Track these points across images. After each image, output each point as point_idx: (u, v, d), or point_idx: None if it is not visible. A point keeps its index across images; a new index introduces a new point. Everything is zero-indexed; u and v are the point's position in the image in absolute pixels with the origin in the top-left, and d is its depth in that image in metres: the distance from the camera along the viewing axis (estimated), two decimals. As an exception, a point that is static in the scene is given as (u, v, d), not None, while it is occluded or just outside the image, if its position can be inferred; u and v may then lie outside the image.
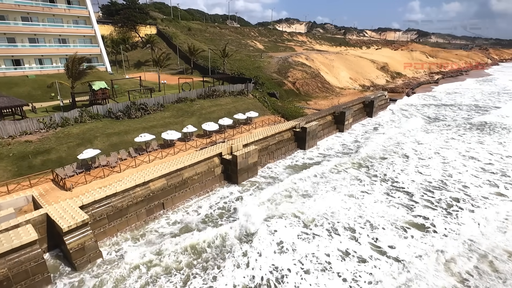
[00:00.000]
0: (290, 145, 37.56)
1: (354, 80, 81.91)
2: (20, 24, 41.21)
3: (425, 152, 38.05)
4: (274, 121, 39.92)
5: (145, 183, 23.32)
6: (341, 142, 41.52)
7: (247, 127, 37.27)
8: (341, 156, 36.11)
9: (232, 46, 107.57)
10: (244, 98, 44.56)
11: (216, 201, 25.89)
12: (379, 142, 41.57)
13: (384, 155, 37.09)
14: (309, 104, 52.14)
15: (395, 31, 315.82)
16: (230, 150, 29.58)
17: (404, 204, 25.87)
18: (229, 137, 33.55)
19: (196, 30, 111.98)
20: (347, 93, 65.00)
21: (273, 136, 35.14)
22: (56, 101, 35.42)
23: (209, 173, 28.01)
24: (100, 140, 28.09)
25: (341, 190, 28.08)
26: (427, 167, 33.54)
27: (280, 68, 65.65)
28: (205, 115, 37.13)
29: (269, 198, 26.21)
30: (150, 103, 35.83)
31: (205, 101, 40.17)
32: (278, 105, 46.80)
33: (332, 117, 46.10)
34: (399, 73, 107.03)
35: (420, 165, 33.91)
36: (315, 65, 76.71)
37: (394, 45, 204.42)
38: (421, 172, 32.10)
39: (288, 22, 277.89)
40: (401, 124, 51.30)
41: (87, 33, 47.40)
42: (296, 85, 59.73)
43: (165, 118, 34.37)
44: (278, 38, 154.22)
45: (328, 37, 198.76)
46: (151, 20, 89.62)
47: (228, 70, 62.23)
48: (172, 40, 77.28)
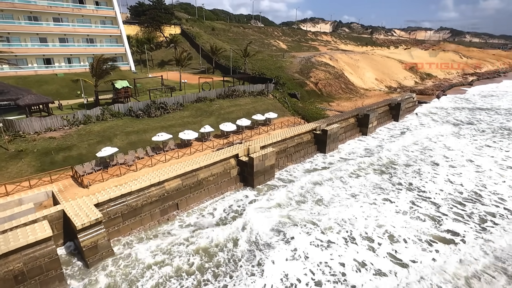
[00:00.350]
0: (310, 148, 36.36)
1: (380, 81, 78.66)
2: (51, 24, 43.12)
3: (457, 160, 35.42)
4: (294, 123, 38.87)
5: (160, 183, 23.24)
6: (364, 146, 39.67)
7: (266, 128, 36.52)
8: (363, 161, 34.41)
9: (254, 45, 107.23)
10: (264, 99, 43.83)
11: (231, 203, 25.37)
12: (405, 147, 39.29)
13: (410, 161, 34.92)
14: (331, 106, 50.48)
15: (426, 30, 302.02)
16: (247, 151, 28.98)
17: (430, 215, 24.00)
18: (247, 138, 32.98)
19: (219, 30, 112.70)
20: (372, 94, 62.40)
21: (292, 138, 34.14)
22: (82, 99, 36.57)
23: (225, 174, 27.56)
24: (119, 138, 28.51)
25: (361, 197, 26.62)
26: (458, 175, 31.12)
27: (302, 68, 64.26)
28: (224, 115, 36.81)
29: (284, 203, 25.33)
30: (170, 102, 36.04)
31: (224, 101, 39.88)
32: (298, 106, 45.64)
33: (355, 119, 44.25)
34: (429, 74, 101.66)
35: (451, 174, 31.52)
36: (339, 65, 74.47)
37: (424, 45, 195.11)
38: (452, 181, 29.79)
39: (313, 21, 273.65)
40: (430, 128, 48.33)
41: (113, 33, 48.83)
42: (318, 86, 58.12)
43: (184, 118, 34.41)
44: (302, 38, 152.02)
45: (354, 37, 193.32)
46: (176, 20, 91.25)
47: (250, 70, 61.79)
48: (195, 39, 78.09)
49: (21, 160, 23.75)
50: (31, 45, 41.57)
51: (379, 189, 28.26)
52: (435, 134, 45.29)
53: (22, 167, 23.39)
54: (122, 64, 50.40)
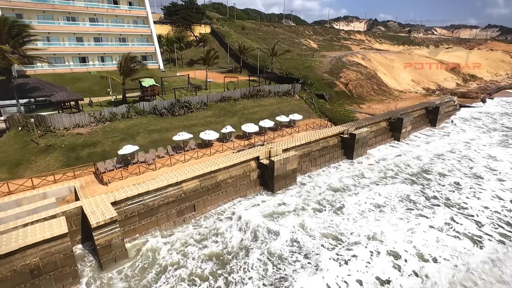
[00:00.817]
0: (336, 152, 34.45)
1: (417, 83, 73.65)
2: (87, 24, 45.12)
3: (506, 173, 31.65)
4: (320, 125, 37.12)
5: (178, 183, 22.94)
6: (395, 153, 36.89)
7: (290, 130, 35.18)
8: (393, 169, 31.91)
9: (284, 45, 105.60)
10: (289, 99, 42.46)
11: (247, 208, 24.46)
12: (442, 155, 35.98)
13: (446, 171, 31.79)
14: (361, 108, 47.83)
15: (471, 28, 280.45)
16: (268, 154, 27.93)
17: (469, 234, 21.38)
18: (269, 140, 31.91)
19: (249, 29, 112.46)
20: (407, 97, 58.40)
21: (317, 142, 32.52)
22: (111, 96, 37.68)
23: (244, 177, 26.74)
24: (142, 136, 28.78)
25: (389, 209, 24.47)
26: (510, 191, 27.63)
27: (332, 68, 61.79)
28: (247, 116, 36.04)
29: (304, 211, 23.96)
30: (194, 101, 35.95)
31: (248, 101, 39.12)
32: (326, 107, 43.68)
33: (387, 123, 41.41)
34: (474, 75, 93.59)
35: (499, 189, 28.09)
36: (371, 65, 70.77)
37: (469, 44, 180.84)
38: (501, 198, 26.48)
39: (347, 20, 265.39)
40: (472, 135, 44.00)
41: (144, 32, 50.13)
42: (349, 87, 55.46)
43: (207, 117, 34.12)
44: (333, 37, 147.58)
45: (389, 36, 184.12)
46: (207, 20, 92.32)
47: (277, 70, 60.59)
48: (224, 39, 78.30)
49: (49, 155, 24.67)
50: (68, 44, 43.79)
51: (409, 202, 25.87)
52: (478, 142, 41.11)
53: (49, 162, 24.27)
54: (151, 62, 51.60)
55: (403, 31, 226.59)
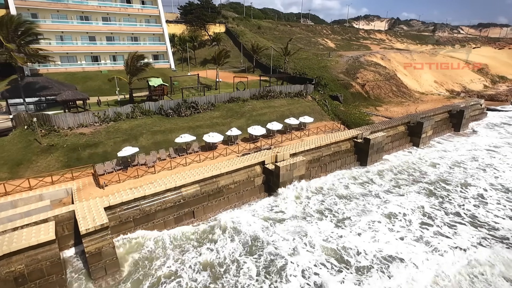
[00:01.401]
0: (349, 157, 32.41)
1: (440, 84, 69.56)
2: (100, 23, 45.29)
3: (536, 184, 28.60)
4: (332, 129, 35.13)
5: (177, 188, 21.90)
6: (413, 160, 34.34)
7: (299, 133, 33.47)
8: (411, 178, 29.53)
9: (300, 44, 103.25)
10: (301, 101, 40.68)
11: (248, 218, 23.07)
12: (465, 164, 33.12)
13: (470, 183, 29.06)
14: (378, 111, 45.26)
15: (501, 26, 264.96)
16: (274, 159, 26.44)
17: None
18: (277, 144, 30.38)
19: (265, 28, 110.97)
20: (429, 99, 54.99)
21: (327, 146, 30.65)
22: (120, 95, 37.40)
23: (248, 182, 25.38)
24: (145, 137, 28.04)
25: (403, 224, 22.35)
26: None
27: (348, 68, 59.25)
28: (255, 117, 34.64)
29: (307, 224, 22.30)
30: (201, 101, 34.96)
31: (258, 102, 37.71)
32: (340, 109, 41.54)
33: (405, 127, 38.78)
34: (503, 76, 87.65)
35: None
36: (391, 66, 67.47)
37: (499, 43, 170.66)
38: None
39: (367, 19, 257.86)
40: (500, 142, 40.52)
41: (156, 31, 49.86)
42: (366, 88, 52.86)
43: (213, 118, 33.02)
44: (352, 36, 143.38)
45: (412, 35, 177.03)
46: (222, 19, 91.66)
47: (291, 70, 58.81)
48: (239, 38, 77.21)
49: (51, 155, 24.32)
50: (81, 43, 44.08)
51: (426, 217, 23.60)
52: (507, 150, 37.70)
53: (50, 162, 23.91)
54: (163, 62, 51.27)
55: (426, 30, 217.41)
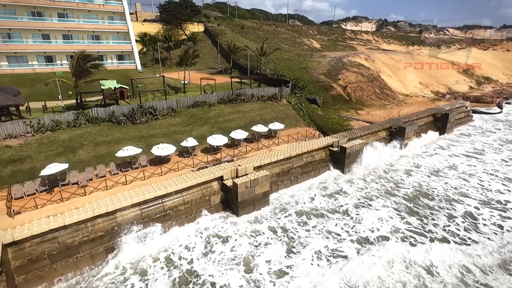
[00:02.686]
0: (323, 168, 29.23)
1: (425, 86, 67.50)
2: (55, 20, 41.00)
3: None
4: (306, 136, 31.93)
5: (110, 214, 18.23)
6: (396, 168, 31.42)
7: (268, 142, 30.11)
8: (389, 189, 26.52)
9: (284, 44, 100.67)
10: (275, 105, 37.38)
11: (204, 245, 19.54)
12: (450, 174, 30.39)
13: (456, 197, 26.24)
14: (359, 115, 42.37)
15: (485, 28, 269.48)
16: (235, 173, 23.00)
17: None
18: (241, 155, 26.95)
19: (249, 28, 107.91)
20: (413, 101, 52.54)
21: (299, 157, 27.40)
22: (66, 100, 33.44)
23: (203, 202, 21.86)
24: (85, 149, 24.18)
25: (373, 250, 19.20)
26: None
27: (330, 69, 56.38)
28: (221, 124, 31.14)
29: (268, 249, 18.91)
30: (161, 106, 31.30)
31: (226, 106, 34.22)
32: (317, 114, 38.42)
33: (387, 133, 35.96)
34: (488, 77, 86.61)
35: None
36: (375, 67, 65.03)
37: (483, 44, 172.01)
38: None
39: (356, 20, 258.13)
40: (487, 148, 38.12)
41: (120, 29, 45.79)
42: (347, 90, 50.02)
43: (172, 126, 29.36)
44: (339, 37, 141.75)
45: (399, 36, 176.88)
46: (204, 18, 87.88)
47: (270, 71, 55.56)
48: (217, 38, 73.58)
49: (-38, 174, 20.29)
50: (33, 42, 39.69)
51: (406, 234, 20.52)
52: (495, 158, 35.24)
53: (-41, 182, 19.88)
54: (128, 62, 47.23)
55: (413, 31, 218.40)
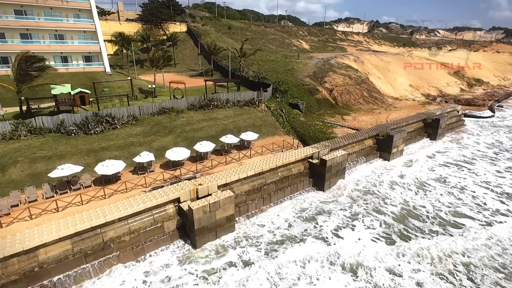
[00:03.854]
0: (301, 183, 26.10)
1: (416, 88, 65.17)
2: (11, 17, 37.15)
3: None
4: (283, 146, 28.78)
5: (29, 251, 14.79)
6: (382, 181, 28.50)
7: (238, 154, 26.82)
8: (375, 207, 23.54)
9: (272, 45, 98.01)
10: (252, 111, 34.19)
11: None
12: (437, 185, 27.58)
13: (448, 215, 23.38)
14: (345, 120, 39.46)
15: (475, 30, 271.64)
16: (195, 194, 19.74)
17: None
18: (205, 171, 23.65)
19: (236, 29, 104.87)
20: (403, 105, 49.95)
21: (273, 171, 24.24)
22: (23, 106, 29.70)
23: (155, 230, 18.50)
24: (18, 167, 20.60)
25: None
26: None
27: (316, 71, 53.47)
28: (188, 134, 27.78)
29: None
30: (121, 114, 27.82)
31: (196, 113, 30.90)
32: (299, 120, 35.32)
33: (373, 141, 33.08)
34: (479, 79, 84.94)
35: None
36: (364, 69, 62.45)
37: (473, 46, 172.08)
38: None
39: (348, 21, 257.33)
40: (478, 157, 35.56)
41: (87, 28, 42.04)
42: (334, 94, 47.16)
43: (131, 136, 25.92)
44: (329, 38, 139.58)
45: (390, 37, 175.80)
46: (189, 18, 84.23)
47: (254, 73, 52.41)
48: (200, 38, 70.11)
49: None
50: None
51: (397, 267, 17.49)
52: (490, 169, 32.65)
53: None
54: (97, 64, 43.49)
55: (404, 32, 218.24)
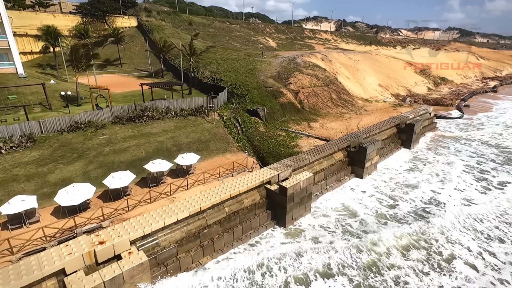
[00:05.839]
0: (257, 218, 20.28)
1: (385, 88, 62.28)
2: None
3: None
4: (233, 169, 22.76)
5: None
6: (354, 207, 23.55)
7: (171, 186, 20.45)
8: (350, 254, 18.38)
9: (236, 43, 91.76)
10: (199, 121, 27.84)
11: None
12: (424, 206, 23.18)
13: (442, 261, 18.81)
14: (312, 128, 34.39)
15: (433, 30, 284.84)
16: (92, 259, 13.21)
17: None
18: (118, 215, 17.03)
19: (198, 25, 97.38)
20: (374, 108, 46.12)
21: (218, 206, 18.21)
22: None
23: (17, 326, 11.71)
24: None
25: None
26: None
27: (281, 71, 48.18)
28: (106, 157, 20.85)
29: None
30: (9, 133, 20.28)
31: (123, 128, 23.97)
32: (258, 131, 29.55)
33: (344, 154, 28.15)
34: (444, 78, 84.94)
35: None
36: (332, 68, 58.30)
37: (435, 45, 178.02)
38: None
39: (316, 20, 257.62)
40: (457, 163, 32.12)
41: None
42: (300, 97, 42.08)
43: (17, 166, 18.57)
44: (297, 35, 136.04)
45: (357, 35, 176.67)
46: (144, 12, 75.43)
47: (211, 73, 45.98)
48: (152, 34, 62.11)
49: None
50: None
51: None
52: (460, 179, 29.08)
53: None
54: (8, 64, 34.66)
55: (370, 31, 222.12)
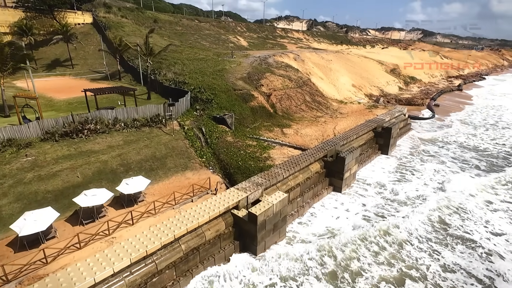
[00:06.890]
0: (221, 253, 16.88)
1: (359, 88, 61.18)
2: None
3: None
4: (194, 191, 19.14)
5: None
6: (336, 225, 20.88)
7: (112, 222, 16.52)
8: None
9: (206, 42, 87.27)
10: (155, 133, 23.84)
11: None
12: (411, 224, 21.01)
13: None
14: (285, 135, 31.50)
15: (398, 30, 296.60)
16: None
17: None
18: (35, 269, 12.89)
19: (164, 22, 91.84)
20: (349, 110, 44.28)
21: (172, 245, 14.58)
22: None
23: None
24: None
25: None
26: None
27: (252, 72, 44.96)
28: (29, 186, 16.39)
29: None
30: None
31: (56, 145, 19.49)
32: (225, 142, 26.06)
33: (321, 165, 25.44)
34: (413, 77, 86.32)
35: None
36: (305, 68, 56.07)
37: (401, 44, 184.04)
38: None
39: (288, 19, 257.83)
40: (438, 168, 30.76)
41: None
42: (272, 100, 39.14)
43: None
44: (269, 34, 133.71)
45: (328, 35, 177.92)
46: (103, 8, 68.79)
47: (175, 75, 41.75)
48: (108, 31, 56.24)
49: None
50: None
51: None
52: (450, 187, 27.61)
53: None
54: None
55: (340, 31, 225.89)
